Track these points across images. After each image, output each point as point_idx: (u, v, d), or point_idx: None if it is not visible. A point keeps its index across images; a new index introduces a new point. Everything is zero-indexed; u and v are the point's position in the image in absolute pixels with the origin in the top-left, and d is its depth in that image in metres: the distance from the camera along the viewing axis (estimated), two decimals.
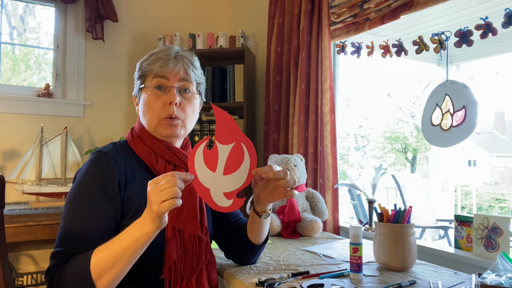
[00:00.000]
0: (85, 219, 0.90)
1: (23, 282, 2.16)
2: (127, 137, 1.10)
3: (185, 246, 0.99)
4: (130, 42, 2.86)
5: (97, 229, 0.91)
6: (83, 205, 0.92)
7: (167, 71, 1.03)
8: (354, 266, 1.11)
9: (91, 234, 0.89)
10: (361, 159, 8.58)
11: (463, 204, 7.22)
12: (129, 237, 0.84)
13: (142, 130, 1.07)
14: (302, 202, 1.76)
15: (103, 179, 0.94)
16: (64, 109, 2.61)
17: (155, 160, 1.02)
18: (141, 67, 1.07)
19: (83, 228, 0.90)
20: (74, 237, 0.89)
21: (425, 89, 7.51)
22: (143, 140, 1.05)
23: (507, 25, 1.42)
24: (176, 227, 0.98)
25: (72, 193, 0.95)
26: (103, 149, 1.00)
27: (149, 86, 1.04)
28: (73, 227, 0.90)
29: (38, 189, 2.17)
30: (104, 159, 0.97)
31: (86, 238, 0.89)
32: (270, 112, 2.37)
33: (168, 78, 1.03)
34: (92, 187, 0.93)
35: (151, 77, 1.04)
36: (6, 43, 2.61)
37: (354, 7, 1.91)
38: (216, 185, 0.90)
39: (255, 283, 1.05)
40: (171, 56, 1.04)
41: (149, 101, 1.04)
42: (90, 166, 0.96)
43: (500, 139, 11.92)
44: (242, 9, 3.13)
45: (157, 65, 1.03)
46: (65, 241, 0.89)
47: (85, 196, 0.93)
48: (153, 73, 1.03)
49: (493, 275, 0.94)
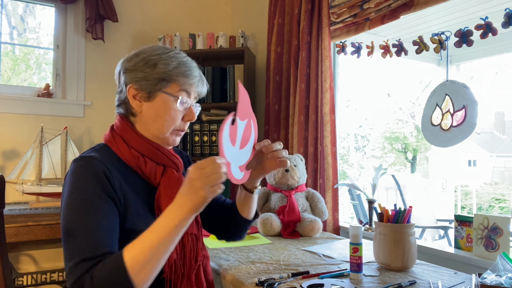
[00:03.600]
0: (96, 225, 0.87)
1: (23, 282, 2.16)
2: (107, 140, 1.03)
3: (183, 245, 1.00)
4: (130, 42, 2.86)
5: (109, 232, 0.89)
6: (88, 212, 0.88)
7: (193, 90, 1.04)
8: (354, 266, 1.11)
9: (106, 237, 0.87)
10: (361, 159, 8.58)
11: (463, 204, 7.22)
12: (166, 227, 0.84)
13: (128, 132, 1.01)
14: (302, 202, 1.76)
15: (100, 183, 0.91)
16: (64, 109, 2.61)
17: (144, 164, 1.00)
18: (165, 70, 1.00)
19: (97, 234, 0.87)
20: (90, 243, 0.85)
21: (425, 89, 7.51)
22: (129, 143, 1.01)
23: (507, 25, 1.42)
24: None
25: (71, 201, 0.89)
26: (87, 154, 0.94)
27: (175, 96, 1.01)
28: (86, 235, 0.86)
29: (38, 189, 2.17)
30: (93, 163, 0.92)
31: (103, 242, 0.86)
32: (270, 112, 2.37)
33: (190, 95, 1.05)
34: (91, 192, 0.89)
35: (177, 89, 1.01)
36: (6, 43, 2.61)
37: (354, 7, 1.91)
38: (234, 158, 0.94)
39: (255, 283, 1.05)
40: (198, 77, 1.05)
41: (171, 111, 1.01)
42: (82, 172, 0.91)
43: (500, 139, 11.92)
44: (242, 9, 3.13)
45: (188, 80, 1.02)
46: (83, 250, 0.84)
47: (88, 202, 0.89)
48: (181, 86, 1.02)
49: (493, 275, 0.94)
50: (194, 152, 2.65)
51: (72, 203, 0.89)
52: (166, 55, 1.02)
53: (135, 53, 1.04)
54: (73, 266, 0.82)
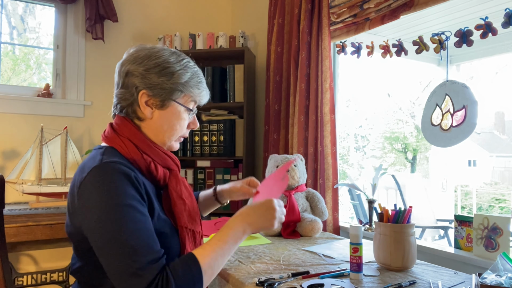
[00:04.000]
0: (146, 229, 0.88)
1: (23, 282, 2.16)
2: (114, 143, 1.00)
3: (195, 243, 1.06)
4: (130, 42, 2.86)
5: (152, 232, 0.90)
6: (134, 217, 0.87)
7: (200, 100, 1.10)
8: (354, 266, 1.11)
9: (152, 238, 0.89)
10: (361, 159, 8.58)
11: (463, 204, 7.22)
12: (235, 238, 0.98)
13: (138, 136, 1.01)
14: (302, 202, 1.76)
15: (133, 187, 0.90)
16: (64, 109, 2.61)
17: (155, 169, 1.01)
18: (182, 80, 1.02)
19: (150, 237, 0.88)
20: (149, 247, 0.86)
21: (425, 89, 7.51)
22: (141, 149, 1.00)
23: (507, 25, 1.42)
24: (189, 227, 1.03)
25: (111, 208, 0.86)
26: (110, 160, 0.92)
27: (187, 107, 1.05)
28: (140, 239, 0.86)
29: (38, 189, 2.17)
30: (121, 168, 0.90)
31: (157, 243, 0.89)
32: (270, 112, 2.37)
33: (196, 104, 1.10)
34: (130, 197, 0.89)
35: (189, 99, 1.05)
36: (6, 43, 2.61)
37: (354, 7, 1.91)
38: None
39: (255, 283, 1.05)
40: (206, 89, 1.11)
41: (181, 121, 1.05)
42: (113, 177, 0.89)
43: (500, 139, 11.92)
44: (242, 9, 3.13)
45: (199, 92, 1.07)
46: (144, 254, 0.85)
47: (131, 208, 0.87)
48: (192, 97, 1.06)
49: (493, 275, 0.94)
50: (194, 152, 2.65)
51: (113, 210, 0.86)
52: (180, 64, 1.03)
53: (146, 55, 1.01)
54: (138, 269, 0.82)
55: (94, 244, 0.87)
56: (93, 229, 0.87)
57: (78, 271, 0.98)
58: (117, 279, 0.84)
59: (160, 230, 0.95)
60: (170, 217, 1.02)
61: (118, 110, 1.06)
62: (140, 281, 0.82)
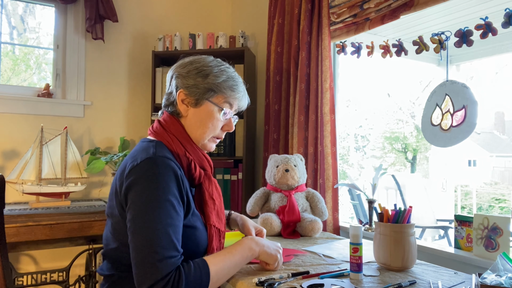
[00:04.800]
0: (176, 226, 0.95)
1: (23, 282, 2.16)
2: (163, 138, 1.09)
3: (220, 242, 1.14)
4: (130, 42, 2.86)
5: (180, 233, 0.97)
6: (169, 213, 0.95)
7: (236, 103, 1.17)
8: (354, 266, 1.11)
9: (178, 237, 0.96)
10: (361, 159, 8.58)
11: (463, 204, 7.22)
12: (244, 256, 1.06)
13: (184, 135, 1.11)
14: (302, 202, 1.76)
15: (177, 185, 0.99)
16: (64, 109, 2.61)
17: (194, 168, 1.10)
18: (215, 81, 1.10)
19: (177, 234, 0.95)
20: (173, 243, 0.93)
21: (425, 89, 7.51)
22: (185, 147, 1.10)
23: (507, 25, 1.42)
24: (217, 226, 1.12)
25: (151, 199, 0.94)
26: (162, 154, 1.00)
27: (220, 107, 1.12)
28: (169, 234, 0.93)
29: (38, 189, 2.17)
30: (170, 164, 0.99)
31: (180, 242, 0.96)
32: (270, 112, 2.37)
33: (232, 108, 1.17)
34: (172, 194, 0.97)
35: (222, 100, 1.13)
36: (6, 43, 2.61)
37: (354, 7, 1.91)
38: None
39: (255, 283, 1.05)
40: (243, 92, 1.17)
41: (214, 120, 1.12)
42: (161, 172, 0.97)
43: (500, 139, 11.92)
44: (242, 9, 3.13)
45: (233, 94, 1.14)
46: (168, 248, 0.91)
47: (169, 203, 0.95)
48: (226, 98, 1.13)
49: (493, 275, 0.94)
50: None
51: (155, 200, 0.94)
52: (218, 68, 1.13)
53: (190, 61, 1.13)
54: (157, 261, 0.89)
55: (129, 225, 0.94)
56: (132, 212, 0.94)
57: (113, 251, 1.06)
58: (136, 264, 0.90)
59: (193, 224, 1.05)
60: (201, 214, 1.11)
61: (165, 109, 1.17)
62: (155, 272, 0.88)
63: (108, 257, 1.08)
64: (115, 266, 1.06)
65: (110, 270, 1.06)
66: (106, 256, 1.09)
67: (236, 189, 2.54)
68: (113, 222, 1.05)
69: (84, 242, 2.21)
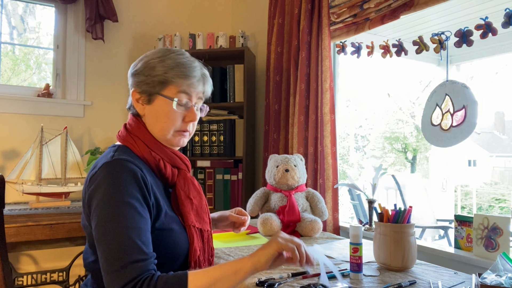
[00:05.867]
0: (139, 228, 0.90)
1: (23, 282, 2.16)
2: (126, 141, 1.05)
3: (204, 242, 1.08)
4: (130, 42, 2.86)
5: (146, 235, 0.91)
6: (130, 215, 0.89)
7: (193, 91, 1.05)
8: (354, 266, 1.11)
9: (143, 239, 0.90)
10: (361, 159, 8.59)
11: (463, 204, 7.22)
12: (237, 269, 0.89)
13: (147, 135, 1.05)
14: (302, 202, 1.76)
15: (138, 187, 0.93)
16: (64, 109, 2.61)
17: (163, 167, 1.04)
18: (162, 72, 1.02)
19: (141, 237, 0.89)
20: (137, 246, 0.87)
21: (425, 89, 7.51)
22: (150, 147, 1.04)
23: (507, 25, 1.42)
24: (197, 226, 1.06)
25: (112, 204, 0.90)
26: (120, 157, 0.95)
27: (171, 98, 1.02)
28: (131, 238, 0.87)
29: (38, 189, 2.17)
30: (130, 166, 0.94)
31: (147, 245, 0.90)
32: (270, 112, 2.37)
33: (191, 96, 1.06)
34: (132, 196, 0.91)
35: (175, 90, 1.03)
36: (6, 43, 2.61)
37: (354, 7, 1.91)
38: None
39: (255, 283, 1.05)
40: (199, 77, 1.06)
41: (169, 113, 1.03)
42: (120, 175, 0.92)
43: (500, 139, 11.91)
44: (242, 9, 3.13)
45: (185, 81, 1.03)
46: (131, 252, 0.86)
47: (130, 206, 0.90)
48: (179, 87, 1.03)
49: (493, 275, 0.94)
50: (194, 152, 2.65)
51: (113, 205, 0.90)
52: (166, 57, 1.04)
53: (140, 58, 1.08)
54: (121, 267, 0.84)
55: (94, 235, 0.91)
56: (94, 221, 0.91)
57: (91, 265, 1.01)
58: (104, 273, 0.87)
59: (168, 226, 0.99)
60: (178, 215, 1.05)
61: (128, 111, 1.13)
62: (120, 278, 0.83)
63: (90, 271, 1.04)
64: (97, 281, 1.01)
65: (93, 285, 1.03)
66: (88, 270, 1.05)
67: (236, 189, 2.54)
68: (87, 234, 1.01)
69: (84, 242, 2.21)
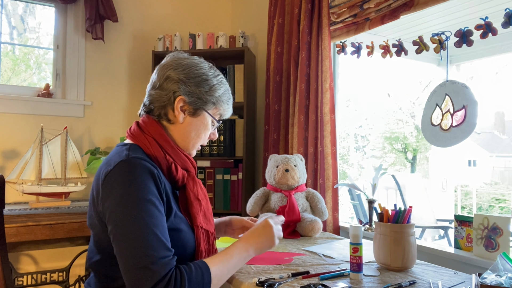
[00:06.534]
0: (160, 225, 0.91)
1: (23, 282, 2.16)
2: (139, 141, 1.04)
3: (209, 243, 1.10)
4: (130, 42, 2.86)
5: (166, 232, 0.94)
6: (150, 212, 0.90)
7: (225, 115, 1.17)
8: (354, 266, 1.11)
9: (166, 236, 0.92)
10: (361, 159, 8.59)
11: (463, 204, 7.22)
12: (241, 256, 1.03)
13: (164, 137, 1.05)
14: (302, 202, 1.76)
15: (154, 184, 0.95)
16: (64, 109, 2.61)
17: (175, 170, 1.05)
18: (219, 94, 1.11)
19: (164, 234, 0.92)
20: (161, 243, 0.89)
21: (425, 89, 7.51)
22: (165, 149, 1.05)
23: (507, 25, 1.42)
24: (204, 227, 1.08)
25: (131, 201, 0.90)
26: (135, 155, 0.96)
27: (214, 118, 1.12)
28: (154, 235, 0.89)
29: (38, 189, 2.17)
30: (145, 165, 0.95)
31: (168, 241, 0.92)
32: (270, 112, 2.37)
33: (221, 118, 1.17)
34: (150, 193, 0.92)
35: (217, 112, 1.13)
36: (6, 43, 2.61)
37: (354, 7, 1.91)
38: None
39: (255, 283, 1.05)
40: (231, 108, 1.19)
41: (205, 130, 1.12)
42: (136, 173, 0.93)
43: (500, 139, 11.92)
44: (242, 9, 3.13)
45: (228, 108, 1.16)
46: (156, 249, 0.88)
47: (149, 203, 0.91)
48: (222, 111, 1.14)
49: (493, 275, 0.94)
50: None
51: (135, 203, 0.90)
52: (217, 79, 1.12)
53: (189, 65, 1.09)
54: (151, 264, 0.85)
55: (112, 234, 0.90)
56: (113, 220, 0.90)
57: (96, 264, 1.01)
58: (128, 272, 0.86)
59: (177, 226, 1.00)
60: (186, 216, 1.07)
61: (148, 109, 1.09)
62: (152, 275, 0.84)
63: (94, 271, 1.04)
64: (101, 280, 1.02)
65: (96, 285, 1.03)
66: (92, 269, 1.05)
67: (236, 189, 2.54)
68: (95, 234, 1.01)
69: (84, 242, 2.21)
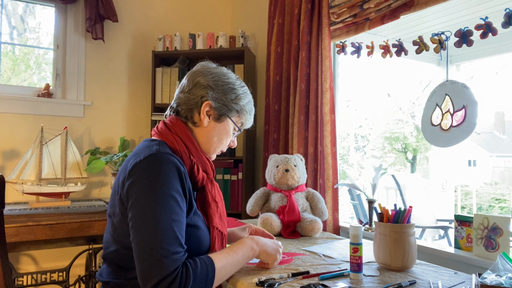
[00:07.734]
0: (179, 222, 0.95)
1: (23, 282, 2.16)
2: (166, 139, 1.08)
3: (222, 244, 1.15)
4: (130, 42, 2.86)
5: (183, 229, 0.97)
6: (173, 208, 0.95)
7: (246, 124, 1.23)
8: (354, 266, 1.11)
9: (182, 233, 0.96)
10: (361, 159, 8.59)
11: (463, 204, 7.22)
12: (245, 256, 1.08)
13: (190, 139, 1.10)
14: (302, 202, 1.76)
15: (179, 181, 0.99)
16: (64, 109, 2.61)
17: (197, 171, 1.09)
18: (243, 103, 1.17)
19: (181, 231, 0.95)
20: (178, 239, 0.93)
21: (425, 89, 7.51)
22: (190, 150, 1.10)
23: (507, 25, 1.42)
24: (219, 228, 1.13)
25: (155, 195, 0.94)
26: (164, 151, 1.00)
27: (237, 126, 1.19)
28: (173, 230, 0.93)
29: (38, 189, 2.17)
30: (173, 160, 0.99)
31: (180, 238, 0.95)
32: (270, 112, 2.37)
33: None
34: (175, 189, 0.97)
35: (240, 120, 1.19)
36: (6, 43, 2.61)
37: (354, 7, 1.91)
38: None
39: (255, 283, 1.05)
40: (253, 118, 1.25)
41: (227, 136, 1.18)
42: (164, 167, 0.97)
43: (500, 139, 11.92)
44: (242, 9, 3.13)
45: (250, 118, 1.22)
46: (172, 244, 0.91)
47: (173, 199, 0.95)
48: (244, 120, 1.21)
49: (493, 275, 0.94)
50: None
51: (159, 196, 0.94)
52: (242, 89, 1.19)
53: (218, 74, 1.15)
54: (163, 257, 0.88)
55: (132, 221, 0.93)
56: (135, 208, 0.94)
57: (111, 254, 1.05)
58: (140, 261, 0.90)
59: (195, 223, 1.05)
60: (203, 216, 1.12)
61: (174, 111, 1.16)
62: (162, 268, 0.87)
63: (108, 261, 1.07)
64: (114, 271, 1.05)
65: (108, 276, 1.05)
66: (106, 260, 1.07)
67: (236, 189, 2.54)
68: (114, 222, 1.03)
69: (84, 242, 2.21)
